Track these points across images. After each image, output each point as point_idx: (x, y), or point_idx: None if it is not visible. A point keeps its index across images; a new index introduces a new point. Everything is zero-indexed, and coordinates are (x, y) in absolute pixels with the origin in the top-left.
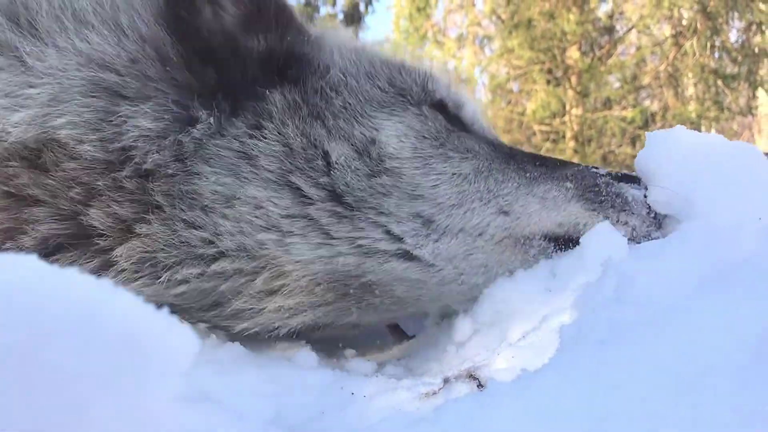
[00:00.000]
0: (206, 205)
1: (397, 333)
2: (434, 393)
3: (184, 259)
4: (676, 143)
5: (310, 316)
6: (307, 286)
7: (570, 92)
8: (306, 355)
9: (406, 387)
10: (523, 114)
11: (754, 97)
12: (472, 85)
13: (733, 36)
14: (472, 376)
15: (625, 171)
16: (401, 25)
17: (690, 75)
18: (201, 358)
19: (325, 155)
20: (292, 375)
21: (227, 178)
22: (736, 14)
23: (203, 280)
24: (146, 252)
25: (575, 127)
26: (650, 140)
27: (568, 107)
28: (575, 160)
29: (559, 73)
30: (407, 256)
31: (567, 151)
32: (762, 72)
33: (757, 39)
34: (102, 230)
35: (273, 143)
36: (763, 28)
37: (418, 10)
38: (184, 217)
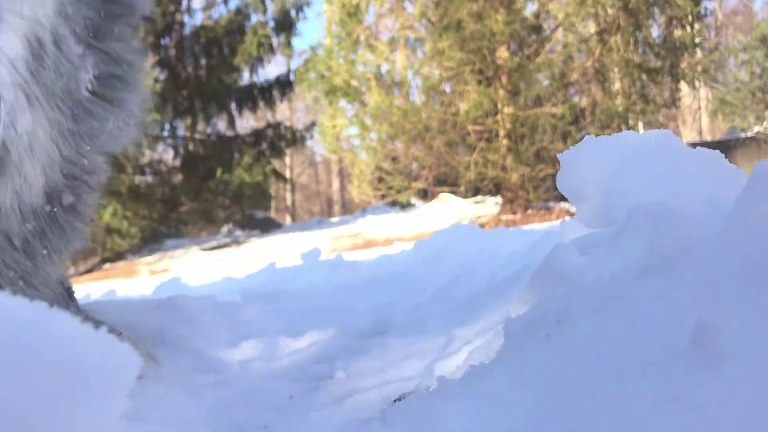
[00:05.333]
0: None
1: None
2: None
3: None
4: (589, 155)
5: None
6: None
7: (501, 91)
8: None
9: (362, 390)
10: (456, 114)
11: (677, 89)
12: (405, 88)
13: (654, 31)
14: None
15: None
16: (333, 30)
17: (616, 70)
18: (144, 375)
19: None
20: (240, 387)
21: None
22: (656, 10)
23: None
24: None
25: (508, 126)
26: (563, 160)
27: (500, 106)
28: (509, 158)
29: (489, 73)
30: None
31: (501, 149)
32: (683, 65)
33: (678, 33)
34: None
35: None
36: (683, 22)
37: (349, 15)
38: None
